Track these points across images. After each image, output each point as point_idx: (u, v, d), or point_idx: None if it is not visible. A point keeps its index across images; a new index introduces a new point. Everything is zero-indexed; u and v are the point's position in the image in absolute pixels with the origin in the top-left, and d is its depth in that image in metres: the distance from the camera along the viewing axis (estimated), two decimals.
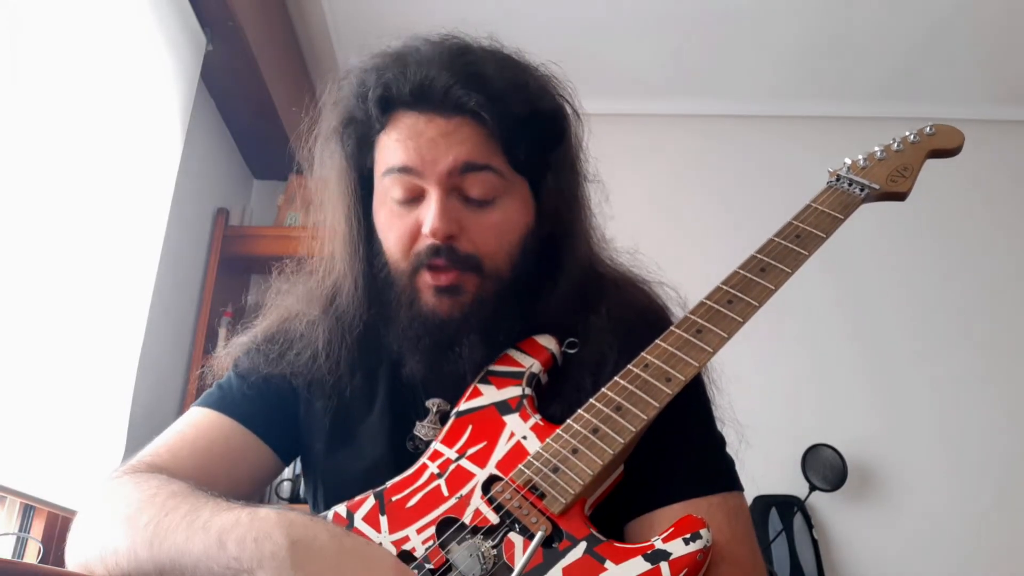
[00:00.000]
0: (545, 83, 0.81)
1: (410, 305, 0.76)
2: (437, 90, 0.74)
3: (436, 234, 0.73)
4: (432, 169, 0.74)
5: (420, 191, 0.76)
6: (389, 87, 0.76)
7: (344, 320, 0.82)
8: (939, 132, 0.86)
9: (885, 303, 2.57)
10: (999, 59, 2.60)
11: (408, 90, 0.75)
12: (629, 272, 0.86)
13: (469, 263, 0.75)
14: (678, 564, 0.57)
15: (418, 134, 0.74)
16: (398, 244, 0.77)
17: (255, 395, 0.82)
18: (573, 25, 2.48)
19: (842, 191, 0.81)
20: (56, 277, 1.50)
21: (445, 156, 0.73)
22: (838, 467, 2.22)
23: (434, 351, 0.76)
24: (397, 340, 0.78)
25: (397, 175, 0.75)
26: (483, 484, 0.66)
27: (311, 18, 2.52)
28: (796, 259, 0.74)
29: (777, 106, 2.81)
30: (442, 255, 0.74)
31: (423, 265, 0.75)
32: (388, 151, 0.77)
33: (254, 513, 0.58)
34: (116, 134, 1.70)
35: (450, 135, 0.74)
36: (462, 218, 0.75)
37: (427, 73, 0.74)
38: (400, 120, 0.76)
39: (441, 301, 0.75)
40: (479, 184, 0.75)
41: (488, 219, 0.76)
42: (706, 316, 0.71)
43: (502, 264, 0.76)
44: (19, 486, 1.44)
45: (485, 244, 0.75)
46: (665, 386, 0.67)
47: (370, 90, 0.77)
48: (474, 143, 0.74)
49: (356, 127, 0.80)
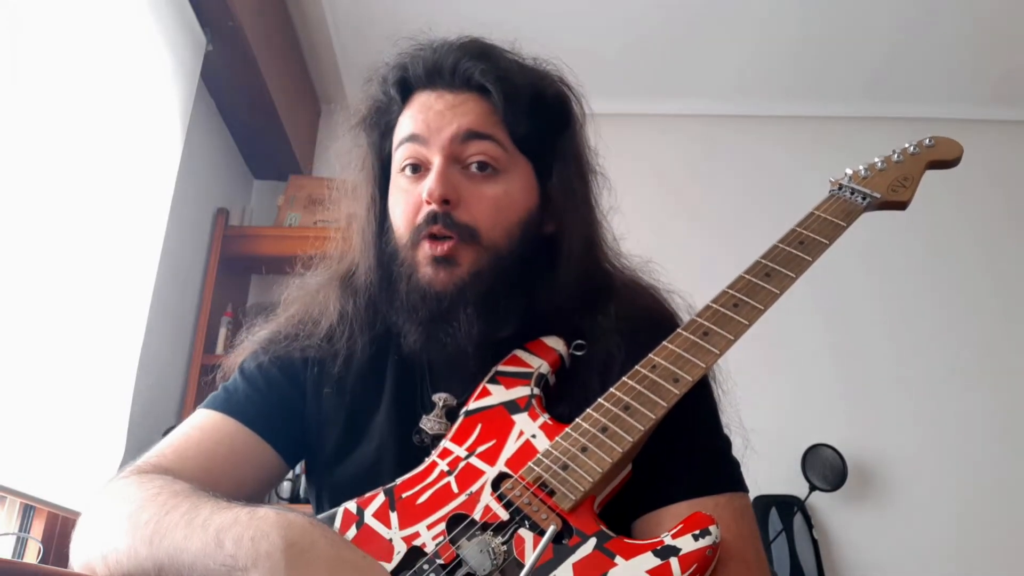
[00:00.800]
0: (551, 70, 0.86)
1: (409, 278, 0.78)
2: (447, 66, 0.80)
3: (432, 195, 0.75)
4: (436, 137, 0.78)
5: (426, 162, 0.79)
6: (406, 68, 0.83)
7: (358, 300, 0.84)
8: (938, 144, 0.87)
9: (886, 304, 2.59)
10: (980, 59, 2.61)
11: (422, 68, 0.81)
12: (638, 276, 0.87)
13: (466, 232, 0.76)
14: (688, 560, 0.58)
15: (428, 107, 0.80)
16: (403, 217, 0.79)
17: (260, 398, 0.82)
18: (575, 24, 2.49)
19: (844, 199, 0.82)
20: (56, 277, 1.50)
21: (449, 125, 0.78)
22: (838, 467, 2.23)
23: (431, 324, 0.77)
24: (398, 315, 0.80)
25: (406, 145, 0.80)
26: (493, 481, 0.67)
27: (311, 18, 2.52)
28: (800, 264, 0.75)
29: (754, 106, 2.82)
30: (439, 221, 0.76)
31: (422, 235, 0.77)
32: (401, 126, 0.82)
33: (253, 512, 0.58)
34: (116, 134, 1.71)
35: (456, 107, 0.79)
36: (461, 187, 0.77)
37: (441, 54, 0.81)
38: (415, 99, 0.82)
39: (437, 272, 0.76)
40: (480, 153, 0.78)
41: (488, 191, 0.78)
42: (712, 319, 0.72)
43: (499, 239, 0.77)
44: (19, 486, 1.44)
45: (483, 215, 0.77)
46: (673, 387, 0.68)
47: (390, 74, 0.84)
48: (477, 114, 0.79)
49: (380, 114, 0.86)
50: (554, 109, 0.84)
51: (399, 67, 0.83)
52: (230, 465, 0.77)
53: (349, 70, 2.73)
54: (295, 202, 2.57)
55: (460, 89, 0.80)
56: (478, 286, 0.76)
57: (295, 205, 2.56)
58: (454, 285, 0.76)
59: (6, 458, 1.37)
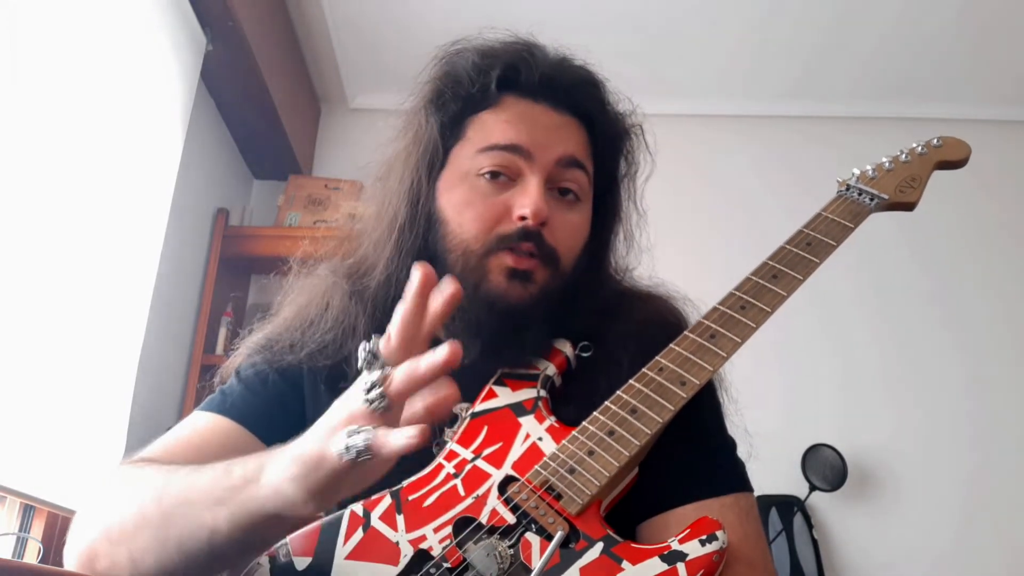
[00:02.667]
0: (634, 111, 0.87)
1: (476, 287, 0.74)
2: (562, 85, 0.79)
3: (537, 216, 0.74)
4: (542, 153, 0.76)
5: (517, 173, 0.76)
6: (518, 69, 0.79)
7: (376, 300, 0.80)
8: (946, 144, 0.87)
9: (885, 304, 2.59)
10: (980, 59, 2.61)
11: (538, 77, 0.79)
12: (649, 284, 0.88)
13: (550, 255, 0.76)
14: (695, 565, 0.58)
15: (532, 119, 0.78)
16: (477, 222, 0.75)
17: (256, 399, 0.81)
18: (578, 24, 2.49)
19: (852, 200, 0.82)
20: (56, 277, 1.50)
21: (556, 145, 0.77)
22: (838, 467, 2.23)
23: (496, 338, 0.75)
24: (451, 323, 0.74)
25: (501, 152, 0.76)
26: (499, 484, 0.67)
27: (311, 18, 2.52)
28: (807, 266, 0.75)
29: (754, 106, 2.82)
30: (532, 240, 0.74)
31: (506, 246, 0.74)
32: (494, 128, 0.78)
33: (258, 455, 0.59)
34: (116, 134, 1.70)
35: (561, 128, 0.79)
36: (551, 211, 0.76)
37: (554, 67, 0.80)
38: (511, 104, 0.79)
39: (512, 286, 0.74)
40: (574, 182, 0.78)
41: (572, 218, 0.78)
42: (719, 321, 0.72)
43: (570, 264, 0.78)
44: (19, 486, 1.44)
45: (564, 241, 0.77)
46: (680, 390, 0.68)
47: (496, 67, 0.79)
48: (579, 142, 0.80)
49: (456, 102, 0.80)
50: (630, 146, 0.86)
51: (509, 65, 0.79)
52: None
53: (349, 70, 2.73)
54: (295, 202, 2.57)
55: (565, 111, 0.79)
56: (546, 306, 0.76)
57: (295, 205, 2.56)
58: (529, 299, 0.75)
59: (6, 458, 1.37)
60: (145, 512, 0.61)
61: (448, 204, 0.78)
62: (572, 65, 0.82)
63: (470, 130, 0.79)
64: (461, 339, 0.76)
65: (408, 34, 2.40)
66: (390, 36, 2.48)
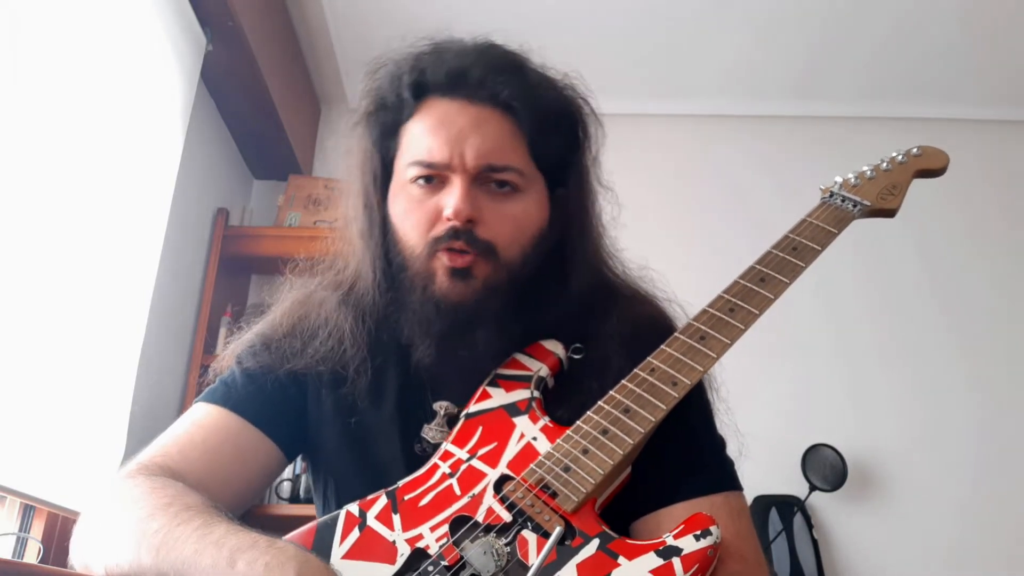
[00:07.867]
0: (571, 85, 0.84)
1: (424, 289, 0.76)
2: (472, 77, 0.77)
3: (459, 215, 0.74)
4: (461, 157, 0.76)
5: (444, 176, 0.77)
6: (424, 72, 0.79)
7: (362, 307, 0.83)
8: (924, 153, 0.89)
9: (886, 304, 2.59)
10: (978, 59, 2.61)
11: (444, 74, 0.78)
12: (639, 285, 0.88)
13: (486, 249, 0.76)
14: (690, 560, 0.59)
15: (450, 121, 0.77)
16: (416, 229, 0.77)
17: (260, 392, 0.81)
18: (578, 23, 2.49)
19: (836, 207, 0.84)
20: (56, 277, 1.50)
21: (473, 146, 0.76)
22: (838, 467, 2.23)
23: (445, 337, 0.77)
24: (409, 325, 0.78)
25: (422, 159, 0.77)
26: (495, 483, 0.67)
27: (311, 18, 2.52)
28: (794, 270, 0.77)
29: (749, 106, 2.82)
30: (461, 238, 0.75)
31: (441, 247, 0.76)
32: (416, 140, 0.79)
33: (273, 542, 0.58)
34: (116, 134, 1.71)
35: (480, 126, 0.76)
36: (482, 205, 0.76)
37: (464, 61, 0.78)
38: (431, 107, 0.78)
39: (454, 284, 0.75)
40: (504, 173, 0.77)
41: (507, 209, 0.77)
42: (709, 323, 0.74)
43: (515, 256, 0.77)
44: (19, 486, 1.44)
45: (502, 233, 0.77)
46: (671, 389, 0.69)
47: (405, 74, 0.80)
48: (502, 134, 0.77)
49: (386, 112, 0.82)
50: (572, 127, 0.83)
51: (416, 68, 0.79)
52: (237, 463, 0.77)
53: (349, 70, 2.73)
54: (295, 202, 2.57)
55: (484, 103, 0.77)
56: (494, 301, 0.76)
57: (295, 205, 2.56)
58: (472, 297, 0.76)
59: (6, 458, 1.37)
60: (143, 559, 0.61)
61: (394, 213, 0.80)
62: (487, 54, 0.79)
63: (403, 139, 0.81)
64: (416, 340, 0.78)
65: (408, 34, 2.40)
66: (390, 36, 2.48)
